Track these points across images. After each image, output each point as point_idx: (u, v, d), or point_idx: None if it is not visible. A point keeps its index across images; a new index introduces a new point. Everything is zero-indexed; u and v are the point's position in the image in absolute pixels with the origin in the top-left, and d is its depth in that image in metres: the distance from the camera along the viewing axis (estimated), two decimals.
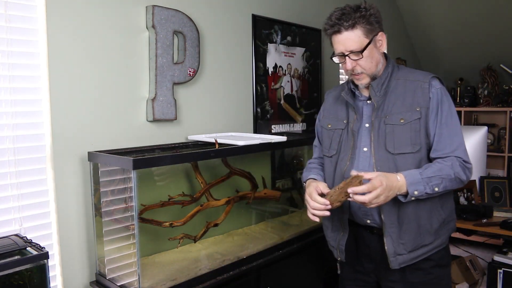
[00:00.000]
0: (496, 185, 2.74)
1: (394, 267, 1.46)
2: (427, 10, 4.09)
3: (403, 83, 1.49)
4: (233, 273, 1.80)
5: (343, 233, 1.56)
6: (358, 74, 1.46)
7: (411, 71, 1.54)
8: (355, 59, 1.43)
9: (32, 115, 1.58)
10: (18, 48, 1.54)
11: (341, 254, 1.58)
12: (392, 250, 1.45)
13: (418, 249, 1.46)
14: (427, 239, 1.46)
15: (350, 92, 1.57)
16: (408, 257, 1.45)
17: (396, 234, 1.44)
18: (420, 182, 1.35)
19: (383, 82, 1.49)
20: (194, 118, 2.12)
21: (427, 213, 1.46)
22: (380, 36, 1.46)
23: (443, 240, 1.51)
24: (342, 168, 1.53)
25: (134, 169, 1.49)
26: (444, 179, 1.38)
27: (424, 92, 1.45)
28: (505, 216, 2.51)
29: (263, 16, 2.48)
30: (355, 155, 1.51)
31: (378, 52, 1.47)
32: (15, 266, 1.28)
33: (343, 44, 1.43)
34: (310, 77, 2.88)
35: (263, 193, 2.20)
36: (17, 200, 1.55)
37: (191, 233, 1.90)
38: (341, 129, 1.58)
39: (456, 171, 1.40)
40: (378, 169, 1.44)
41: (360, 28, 1.40)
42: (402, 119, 1.44)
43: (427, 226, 1.46)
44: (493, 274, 2.41)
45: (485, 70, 4.17)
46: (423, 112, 1.43)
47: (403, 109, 1.45)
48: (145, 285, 1.58)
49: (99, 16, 1.73)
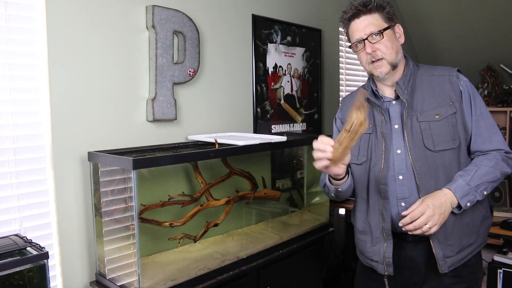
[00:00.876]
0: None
1: (443, 270, 1.39)
2: (427, 10, 4.09)
3: (428, 79, 1.46)
4: (233, 273, 1.80)
5: (386, 243, 1.44)
6: (378, 61, 1.40)
7: (432, 67, 1.50)
8: (374, 42, 1.39)
9: (32, 115, 1.58)
10: (18, 48, 1.54)
11: (389, 267, 1.44)
12: (441, 253, 1.38)
13: (464, 249, 1.41)
14: (472, 238, 1.43)
15: (372, 93, 1.50)
16: (456, 259, 1.40)
17: (442, 235, 1.38)
18: (469, 192, 1.33)
19: (408, 79, 1.45)
20: (194, 118, 2.12)
21: (470, 211, 1.41)
22: (398, 27, 1.46)
23: (483, 239, 1.47)
24: (376, 174, 1.44)
25: (134, 169, 1.49)
26: (491, 182, 1.36)
27: (454, 86, 1.42)
28: (505, 216, 2.51)
29: (263, 16, 2.48)
30: (389, 158, 1.43)
31: (398, 42, 1.45)
32: (15, 266, 1.28)
33: (362, 29, 1.41)
34: (310, 77, 2.88)
35: (263, 193, 2.20)
36: (17, 200, 1.55)
37: (191, 233, 1.90)
38: (369, 133, 1.49)
39: (500, 168, 1.38)
40: (416, 169, 1.39)
41: (378, 14, 1.41)
42: (437, 115, 1.40)
43: (470, 224, 1.42)
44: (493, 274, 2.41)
45: (485, 70, 4.17)
46: (457, 106, 1.40)
47: (435, 104, 1.41)
48: (145, 285, 1.58)
49: (99, 16, 1.73)
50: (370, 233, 1.49)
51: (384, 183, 1.42)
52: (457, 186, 1.33)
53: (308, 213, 2.53)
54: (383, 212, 1.43)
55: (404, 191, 1.41)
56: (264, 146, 1.98)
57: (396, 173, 1.42)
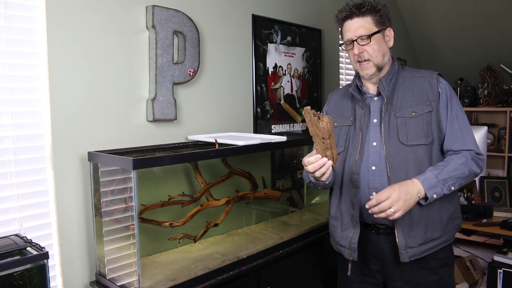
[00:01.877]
0: (496, 185, 2.74)
1: (404, 260, 1.46)
2: (427, 10, 4.09)
3: (410, 79, 1.54)
4: (233, 273, 1.80)
5: (354, 230, 1.54)
6: (364, 61, 1.50)
7: (416, 70, 1.59)
8: (362, 44, 1.48)
9: (32, 115, 1.58)
10: (18, 48, 1.54)
11: (354, 252, 1.53)
12: (403, 243, 1.45)
13: (428, 243, 1.47)
14: (436, 233, 1.48)
15: (356, 89, 1.60)
16: (418, 250, 1.46)
17: (407, 226, 1.46)
18: (437, 185, 1.38)
19: (391, 78, 1.54)
20: (194, 118, 2.12)
21: (437, 206, 1.48)
22: (388, 31, 1.55)
23: (449, 236, 1.53)
24: (351, 164, 1.54)
25: (134, 169, 1.49)
26: (459, 178, 1.42)
27: (433, 87, 1.50)
28: (505, 216, 2.51)
29: (263, 16, 2.48)
30: (364, 150, 1.53)
31: (386, 45, 1.54)
32: (15, 266, 1.28)
33: (353, 30, 1.50)
34: (310, 77, 2.88)
35: (263, 193, 2.20)
36: (17, 200, 1.55)
37: (191, 233, 1.90)
38: (348, 125, 1.60)
39: (469, 167, 1.44)
40: (389, 161, 1.47)
41: (371, 17, 1.49)
42: (414, 112, 1.48)
43: (437, 220, 1.48)
44: (493, 274, 2.41)
45: (485, 70, 4.17)
46: (434, 106, 1.48)
47: (413, 102, 1.49)
48: (145, 285, 1.58)
49: (99, 16, 1.73)
50: (341, 219, 1.60)
51: (357, 173, 1.51)
52: (425, 177, 1.40)
53: (308, 213, 2.53)
54: (353, 201, 1.53)
55: (375, 181, 1.49)
56: (264, 146, 1.98)
57: (369, 164, 1.51)
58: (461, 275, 2.63)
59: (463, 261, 2.75)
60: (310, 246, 2.21)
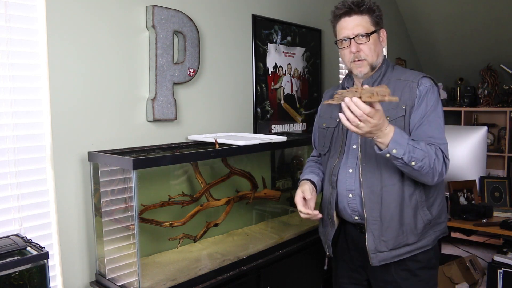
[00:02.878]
0: (496, 185, 2.74)
1: (374, 263, 1.47)
2: (427, 10, 4.09)
3: (393, 82, 1.51)
4: (233, 273, 1.80)
5: (331, 227, 1.61)
6: (359, 60, 1.48)
7: (404, 72, 1.55)
8: (360, 43, 1.47)
9: (32, 115, 1.58)
10: (18, 48, 1.54)
11: (329, 248, 1.63)
12: (373, 246, 1.46)
13: (400, 248, 1.47)
14: (410, 239, 1.46)
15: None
16: (389, 255, 1.46)
17: (378, 231, 1.46)
18: (404, 146, 1.30)
19: (374, 81, 1.52)
20: (194, 118, 2.12)
21: (411, 212, 1.46)
22: (382, 32, 1.54)
23: (428, 242, 1.51)
24: (331, 165, 1.57)
25: (134, 169, 1.49)
26: (426, 158, 1.33)
27: (412, 91, 1.46)
28: (505, 216, 2.51)
29: (263, 16, 2.48)
30: (344, 152, 1.54)
31: (380, 46, 1.53)
32: (15, 266, 1.28)
33: (351, 28, 1.48)
34: (310, 77, 2.88)
35: (263, 193, 2.20)
36: (17, 200, 1.55)
37: (191, 233, 1.90)
38: (333, 127, 1.62)
39: (438, 157, 1.36)
40: (363, 166, 1.47)
41: (368, 16, 1.48)
42: (388, 117, 1.42)
43: (411, 225, 1.46)
44: (493, 274, 2.41)
45: (485, 70, 4.17)
46: (407, 110, 1.44)
47: (389, 107, 1.45)
48: (145, 285, 1.58)
49: (99, 16, 1.73)
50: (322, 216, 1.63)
51: (335, 174, 1.55)
52: (400, 132, 1.31)
53: None
54: (331, 200, 1.57)
55: (351, 183, 1.52)
56: (264, 146, 1.98)
57: (348, 167, 1.53)
58: (461, 275, 2.63)
59: (463, 261, 2.75)
60: (310, 246, 2.21)
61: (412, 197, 1.46)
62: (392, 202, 1.45)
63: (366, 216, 1.47)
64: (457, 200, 2.60)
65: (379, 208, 1.46)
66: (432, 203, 1.51)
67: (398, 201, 1.45)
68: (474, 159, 2.74)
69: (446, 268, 2.64)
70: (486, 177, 2.78)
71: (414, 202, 1.46)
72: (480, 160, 2.77)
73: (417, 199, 1.47)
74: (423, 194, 1.48)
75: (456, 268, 2.64)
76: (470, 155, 2.73)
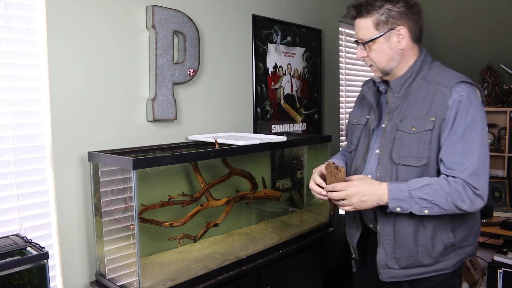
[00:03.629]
0: (496, 185, 2.74)
1: (383, 279, 1.39)
2: (427, 10, 4.07)
3: (426, 85, 1.34)
4: (233, 273, 1.80)
5: (356, 230, 1.51)
6: (370, 66, 1.41)
7: (441, 71, 1.37)
8: (362, 49, 1.38)
9: (32, 115, 1.58)
10: (18, 48, 1.54)
11: (354, 251, 1.54)
12: (383, 261, 1.38)
13: (414, 268, 1.35)
14: (426, 260, 1.34)
15: (373, 86, 1.48)
16: (401, 273, 1.36)
17: (390, 246, 1.36)
18: (405, 200, 1.24)
19: (404, 82, 1.37)
20: (194, 118, 2.12)
21: (430, 233, 1.32)
22: (399, 31, 1.33)
23: (448, 265, 1.35)
24: (356, 166, 1.48)
25: (134, 169, 1.49)
26: (437, 205, 1.24)
27: (444, 100, 1.28)
28: (505, 216, 2.51)
29: (263, 16, 2.48)
30: (367, 154, 1.44)
31: (392, 48, 1.34)
32: (15, 266, 1.28)
33: (356, 31, 1.39)
34: (310, 77, 2.88)
35: (263, 193, 2.20)
36: (17, 200, 1.55)
37: (191, 233, 1.90)
38: (362, 125, 1.50)
39: (453, 198, 1.23)
40: (380, 175, 1.37)
41: (372, 18, 1.32)
42: (414, 127, 1.31)
43: (428, 247, 1.33)
44: (493, 274, 2.41)
45: (485, 70, 4.17)
46: (437, 123, 1.28)
47: (418, 115, 1.31)
48: (145, 285, 1.58)
49: (99, 16, 1.73)
50: (348, 217, 1.58)
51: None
52: (397, 187, 1.27)
53: (308, 213, 2.53)
54: None
55: None
56: (264, 146, 1.98)
57: (368, 171, 1.43)
58: None
59: None
60: (310, 246, 2.21)
61: (432, 218, 1.31)
62: (407, 219, 1.32)
63: (378, 229, 1.37)
64: None
65: (393, 222, 1.34)
66: (459, 225, 1.35)
67: (415, 220, 1.31)
68: None
69: None
70: None
71: (434, 223, 1.32)
72: None
73: (437, 220, 1.32)
74: (446, 216, 1.32)
75: None
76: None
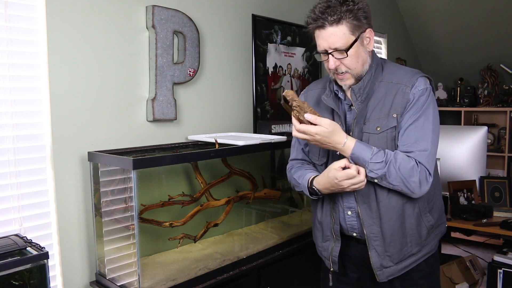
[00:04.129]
0: (496, 185, 2.74)
1: (382, 280, 1.39)
2: (427, 10, 4.09)
3: (384, 86, 1.36)
4: (233, 273, 1.80)
5: (335, 243, 1.46)
6: (341, 74, 1.34)
7: (396, 71, 1.38)
8: (339, 57, 1.30)
9: (32, 115, 1.58)
10: (18, 48, 1.54)
11: (334, 265, 1.47)
12: (378, 263, 1.38)
13: (406, 259, 1.39)
14: (414, 249, 1.39)
15: (332, 94, 1.43)
16: (396, 269, 1.39)
17: (381, 247, 1.37)
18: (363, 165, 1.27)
19: (365, 85, 1.37)
20: (194, 118, 2.12)
21: (415, 221, 1.37)
22: (368, 33, 1.32)
23: (432, 247, 1.44)
24: None
25: (134, 169, 1.49)
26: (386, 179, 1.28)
27: (405, 96, 1.31)
28: (505, 216, 2.51)
29: (263, 16, 2.48)
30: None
31: (365, 51, 1.33)
32: (15, 266, 1.28)
33: (326, 41, 1.29)
34: (310, 77, 2.88)
35: (263, 193, 2.20)
36: (17, 200, 1.55)
37: (191, 233, 1.90)
38: None
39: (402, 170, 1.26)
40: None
41: (346, 23, 1.27)
42: (378, 127, 1.32)
43: (415, 235, 1.38)
44: (493, 274, 2.41)
45: (485, 70, 4.17)
46: (399, 119, 1.31)
47: (380, 115, 1.33)
48: (145, 285, 1.58)
49: (99, 16, 1.73)
50: (321, 230, 1.51)
51: None
52: (361, 148, 1.28)
53: (308, 213, 2.53)
54: (333, 215, 1.45)
55: (350, 200, 1.40)
56: (264, 146, 1.98)
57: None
58: (461, 275, 2.63)
59: (463, 261, 2.75)
60: (310, 246, 2.21)
61: (415, 205, 1.36)
62: (392, 216, 1.35)
63: (366, 233, 1.37)
64: (457, 200, 2.60)
65: (379, 223, 1.36)
66: (433, 205, 1.43)
67: (398, 213, 1.35)
68: (474, 159, 2.74)
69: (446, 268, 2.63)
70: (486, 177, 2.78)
71: (417, 210, 1.37)
72: (480, 160, 2.77)
73: (419, 206, 1.37)
74: (425, 200, 1.38)
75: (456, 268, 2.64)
76: (470, 155, 2.72)
